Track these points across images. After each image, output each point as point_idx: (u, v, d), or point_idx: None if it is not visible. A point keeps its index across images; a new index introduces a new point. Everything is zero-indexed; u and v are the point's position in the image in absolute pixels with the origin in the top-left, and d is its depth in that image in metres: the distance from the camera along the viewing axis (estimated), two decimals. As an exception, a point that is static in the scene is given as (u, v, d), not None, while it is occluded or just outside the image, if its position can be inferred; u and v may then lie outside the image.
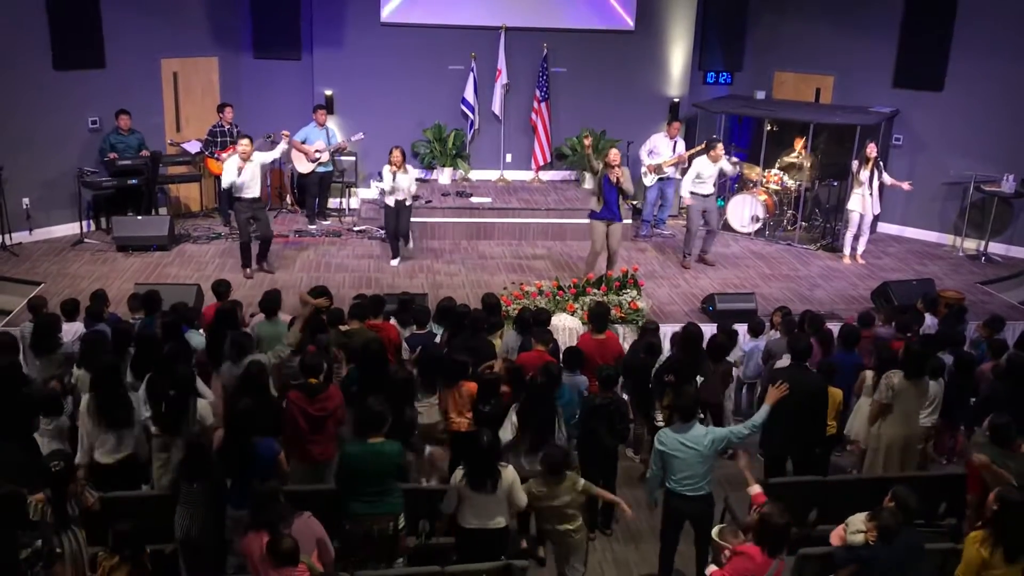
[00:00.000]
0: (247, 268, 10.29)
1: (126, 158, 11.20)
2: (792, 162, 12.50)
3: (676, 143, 12.16)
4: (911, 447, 6.75)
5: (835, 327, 7.88)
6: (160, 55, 11.96)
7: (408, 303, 7.82)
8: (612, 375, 6.47)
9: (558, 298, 9.07)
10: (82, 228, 11.42)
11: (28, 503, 4.82)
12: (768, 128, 12.46)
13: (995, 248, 12.12)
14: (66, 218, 11.51)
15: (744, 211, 12.53)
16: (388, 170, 10.30)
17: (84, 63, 11.24)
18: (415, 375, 6.50)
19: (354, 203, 12.94)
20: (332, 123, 12.41)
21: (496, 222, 12.11)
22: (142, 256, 10.79)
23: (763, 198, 12.40)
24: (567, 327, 8.18)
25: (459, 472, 5.42)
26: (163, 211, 11.82)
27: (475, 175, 13.45)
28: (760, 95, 13.55)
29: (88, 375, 6.20)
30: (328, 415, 6.05)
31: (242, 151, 9.78)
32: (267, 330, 7.11)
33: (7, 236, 10.89)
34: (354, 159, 12.63)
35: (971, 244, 12.22)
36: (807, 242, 12.29)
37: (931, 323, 8.39)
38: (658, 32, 13.38)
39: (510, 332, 7.54)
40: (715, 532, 5.39)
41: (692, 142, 12.35)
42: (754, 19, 13.78)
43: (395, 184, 10.27)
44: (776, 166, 12.56)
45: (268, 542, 4.65)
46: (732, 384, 7.66)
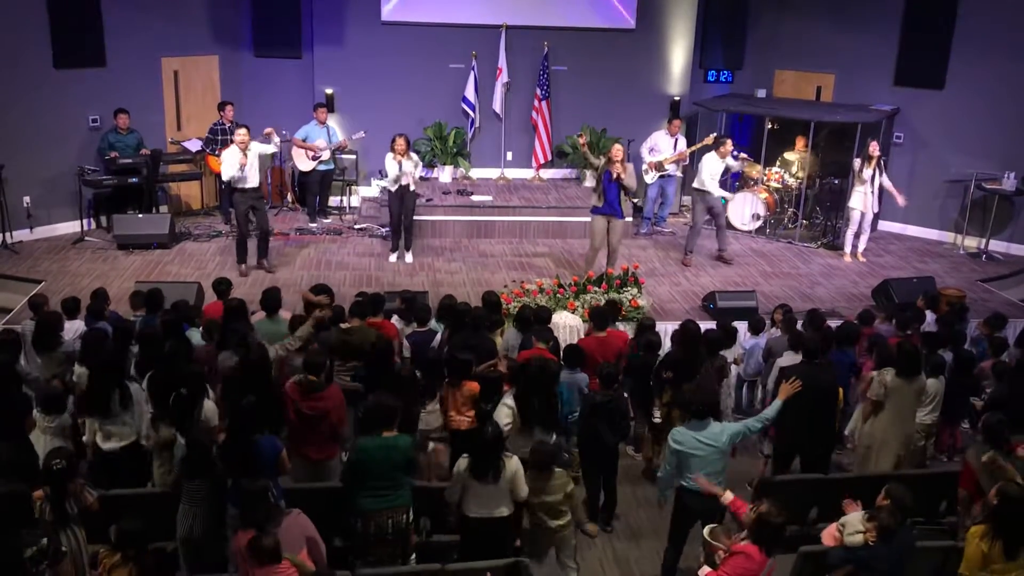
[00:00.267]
0: (242, 264, 10.28)
1: (126, 157, 11.22)
2: (788, 159, 12.53)
3: (677, 141, 12.18)
4: (906, 445, 6.73)
5: (836, 325, 7.86)
6: (161, 53, 11.96)
7: (412, 300, 7.84)
8: (612, 373, 6.46)
9: (559, 296, 9.07)
10: (83, 226, 11.42)
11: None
12: (769, 126, 12.45)
13: (996, 246, 12.11)
14: (67, 216, 11.52)
15: (745, 209, 12.55)
16: (392, 158, 10.25)
17: (85, 61, 11.24)
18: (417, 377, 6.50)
19: (355, 201, 12.95)
20: (333, 121, 12.42)
21: (497, 220, 12.11)
22: (143, 254, 10.79)
23: (764, 196, 12.41)
24: (568, 325, 8.17)
25: (463, 461, 5.43)
26: (164, 209, 11.85)
27: (476, 173, 13.44)
28: (761, 93, 13.54)
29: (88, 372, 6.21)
30: (321, 415, 5.96)
31: (239, 140, 9.78)
32: (268, 328, 7.12)
33: (8, 234, 10.89)
34: (355, 157, 12.65)
35: (972, 242, 12.21)
36: (808, 240, 12.28)
37: (932, 321, 8.39)
38: (659, 30, 13.37)
39: (511, 330, 7.55)
40: (706, 532, 5.32)
41: (693, 140, 12.34)
42: (755, 17, 13.76)
43: (401, 171, 10.25)
44: (776, 164, 12.58)
45: (249, 540, 4.61)
46: (732, 381, 7.65)
